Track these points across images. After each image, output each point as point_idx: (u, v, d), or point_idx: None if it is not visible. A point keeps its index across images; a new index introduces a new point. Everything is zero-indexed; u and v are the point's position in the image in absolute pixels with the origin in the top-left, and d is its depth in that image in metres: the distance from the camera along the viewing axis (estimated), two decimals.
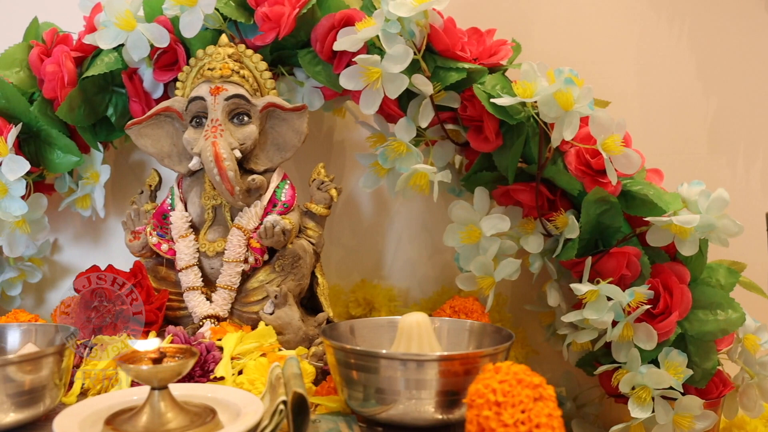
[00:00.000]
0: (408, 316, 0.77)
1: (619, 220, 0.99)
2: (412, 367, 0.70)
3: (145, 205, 1.01)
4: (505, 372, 0.66)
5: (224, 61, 0.95)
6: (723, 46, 1.10)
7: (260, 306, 0.92)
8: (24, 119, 1.05)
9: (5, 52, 1.07)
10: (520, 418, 0.62)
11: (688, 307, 0.96)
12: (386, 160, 1.02)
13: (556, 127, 0.95)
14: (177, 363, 0.68)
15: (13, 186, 1.02)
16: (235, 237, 0.92)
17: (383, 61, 0.95)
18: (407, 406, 0.71)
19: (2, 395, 0.71)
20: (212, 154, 0.89)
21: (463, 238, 1.03)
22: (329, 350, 0.75)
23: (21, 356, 0.71)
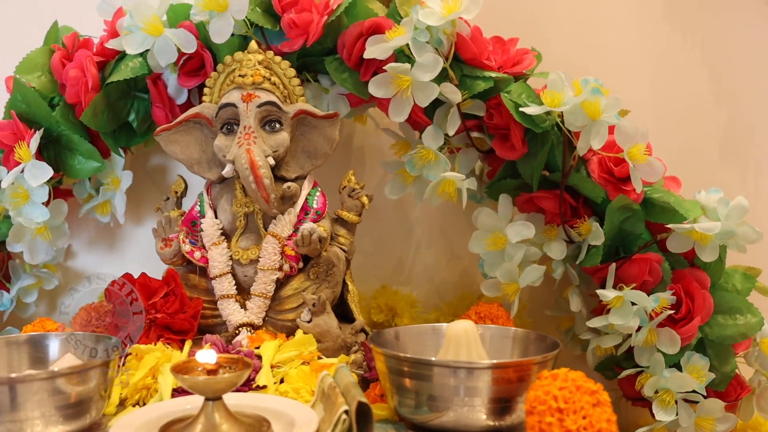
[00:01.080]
0: (456, 324, 0.78)
1: (640, 227, 1.02)
2: (467, 374, 0.71)
3: (170, 211, 1.00)
4: (563, 379, 0.67)
5: (255, 68, 0.95)
6: (734, 58, 1.14)
7: (295, 314, 0.92)
8: (44, 124, 1.04)
9: (27, 56, 1.05)
10: (582, 424, 0.64)
11: (710, 312, 0.99)
12: (414, 168, 1.03)
13: (583, 135, 0.97)
14: (233, 374, 0.68)
15: (36, 192, 1.01)
16: (270, 245, 0.92)
17: (413, 69, 0.96)
18: (459, 414, 0.72)
19: (50, 408, 0.70)
20: (247, 162, 0.89)
21: (489, 244, 1.04)
22: (380, 358, 0.76)
23: (70, 368, 0.70)
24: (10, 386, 0.68)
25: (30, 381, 0.69)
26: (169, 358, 0.85)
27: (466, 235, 1.18)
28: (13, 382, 0.68)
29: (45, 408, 0.69)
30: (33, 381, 0.69)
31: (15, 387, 0.68)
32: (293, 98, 0.99)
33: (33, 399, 0.69)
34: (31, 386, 0.69)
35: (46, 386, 0.69)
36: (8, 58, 1.15)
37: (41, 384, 0.69)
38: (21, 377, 0.69)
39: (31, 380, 0.69)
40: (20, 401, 0.68)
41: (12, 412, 0.68)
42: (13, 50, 1.15)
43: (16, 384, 0.68)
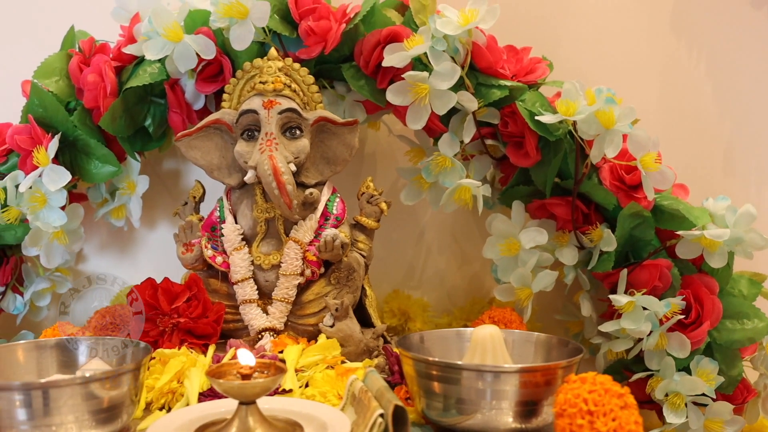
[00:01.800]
0: (481, 329, 0.80)
1: (650, 233, 1.04)
2: (496, 378, 0.72)
3: (189, 216, 1.01)
4: (591, 382, 0.69)
5: (276, 75, 0.96)
6: (738, 71, 1.16)
7: (316, 318, 0.93)
8: (61, 128, 1.04)
9: (45, 61, 1.05)
10: (612, 426, 0.66)
11: (719, 317, 1.01)
12: (430, 174, 1.04)
13: (596, 144, 0.99)
14: (267, 379, 0.69)
15: (54, 196, 1.01)
16: (292, 250, 0.93)
17: (431, 77, 0.98)
18: (487, 417, 0.74)
19: (84, 412, 0.70)
20: (270, 168, 0.90)
21: (503, 250, 1.06)
22: (408, 361, 0.77)
23: (104, 373, 0.71)
24: (46, 390, 0.69)
25: (65, 386, 0.69)
26: (194, 362, 0.85)
27: (477, 240, 1.21)
28: (48, 386, 0.69)
29: (79, 412, 0.70)
30: (68, 386, 0.69)
31: (51, 391, 0.69)
32: (312, 105, 1.00)
33: (68, 403, 0.69)
34: (66, 391, 0.69)
35: (81, 391, 0.70)
36: (21, 62, 1.16)
37: (76, 389, 0.69)
38: (56, 382, 0.70)
39: (66, 385, 0.69)
40: (55, 406, 0.69)
41: (47, 416, 0.69)
42: (27, 54, 1.16)
43: (51, 388, 0.69)
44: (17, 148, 1.03)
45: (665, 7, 1.16)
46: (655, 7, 1.16)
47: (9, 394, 0.68)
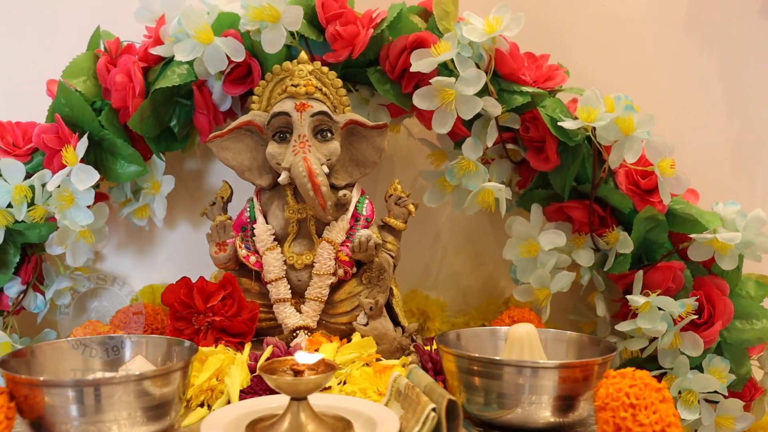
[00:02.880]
0: (518, 327, 0.83)
1: (664, 236, 1.08)
2: (537, 373, 0.75)
3: (218, 216, 1.02)
4: (631, 377, 0.72)
5: (307, 78, 0.98)
6: (747, 77, 1.21)
7: (348, 317, 0.95)
8: (87, 128, 1.05)
9: (73, 61, 1.06)
10: (653, 419, 0.69)
11: (730, 317, 1.05)
12: (454, 177, 1.07)
13: (615, 149, 1.03)
14: (319, 376, 0.71)
15: (82, 196, 1.02)
16: (325, 250, 0.95)
17: (457, 83, 1.00)
18: (527, 411, 0.76)
19: (137, 409, 0.71)
20: (305, 170, 0.92)
21: (522, 252, 1.09)
22: (449, 357, 0.80)
23: (156, 370, 0.72)
24: (99, 387, 0.70)
25: (119, 383, 0.70)
26: (233, 360, 0.87)
27: (491, 242, 1.24)
28: (103, 383, 0.70)
29: (131, 409, 0.71)
30: (122, 383, 0.70)
31: (105, 388, 0.70)
32: (341, 108, 1.02)
33: (121, 400, 0.70)
34: (119, 388, 0.70)
35: (134, 388, 0.71)
36: (43, 61, 1.16)
37: (129, 386, 0.70)
38: (111, 379, 0.71)
39: (120, 382, 0.70)
40: (109, 402, 0.70)
41: (100, 413, 0.70)
42: (49, 54, 1.17)
43: (106, 385, 0.70)
44: (44, 147, 1.04)
45: (676, 14, 1.20)
46: (666, 14, 1.20)
47: (64, 391, 0.69)
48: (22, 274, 1.10)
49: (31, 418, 0.71)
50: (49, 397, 0.70)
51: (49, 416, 0.70)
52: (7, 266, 1.08)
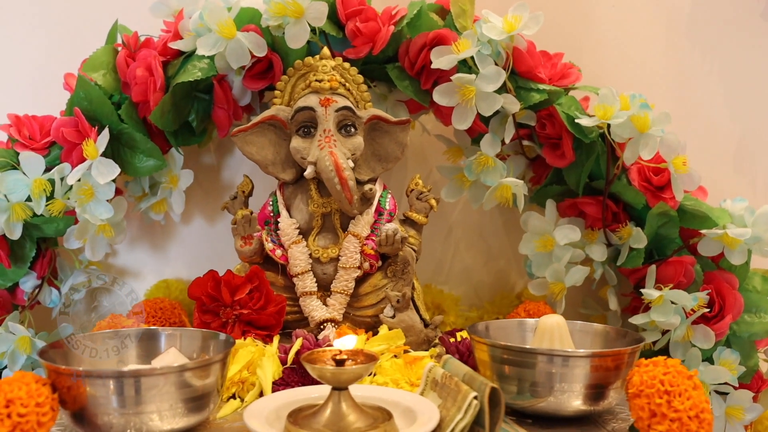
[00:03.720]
0: (548, 318, 0.84)
1: (675, 231, 1.10)
2: (570, 362, 0.77)
3: (239, 210, 1.02)
4: (664, 365, 0.74)
5: (331, 74, 0.99)
6: (749, 78, 1.24)
7: (374, 310, 0.96)
8: (105, 122, 1.05)
9: (93, 54, 1.06)
10: (687, 405, 0.71)
11: (740, 311, 1.08)
12: (472, 173, 1.08)
13: (630, 146, 1.05)
14: (360, 366, 0.71)
15: (102, 189, 1.02)
16: (351, 244, 0.96)
17: (477, 80, 1.02)
18: (559, 400, 0.78)
19: (177, 400, 0.71)
20: (332, 164, 0.93)
21: (538, 246, 1.11)
22: (481, 347, 0.81)
23: (198, 361, 0.72)
24: (140, 379, 0.70)
25: (162, 374, 0.70)
26: (263, 352, 0.87)
27: (503, 237, 1.26)
28: (146, 374, 0.70)
29: (173, 400, 0.71)
30: (165, 374, 0.70)
31: (148, 379, 0.70)
32: (362, 104, 1.03)
33: (164, 391, 0.70)
34: (161, 379, 0.70)
35: (176, 379, 0.71)
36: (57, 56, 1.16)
37: (171, 377, 0.71)
38: (154, 370, 0.71)
39: (163, 373, 0.70)
40: (152, 393, 0.70)
41: (143, 403, 0.70)
42: (62, 48, 1.16)
43: (149, 377, 0.70)
44: (62, 141, 1.03)
45: (681, 17, 1.23)
46: (671, 17, 1.23)
47: (108, 382, 0.69)
48: (38, 268, 1.10)
49: (72, 410, 0.71)
50: (92, 387, 0.70)
51: (92, 407, 0.70)
52: (23, 260, 1.07)
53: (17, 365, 1.04)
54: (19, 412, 0.65)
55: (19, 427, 0.65)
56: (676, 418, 0.70)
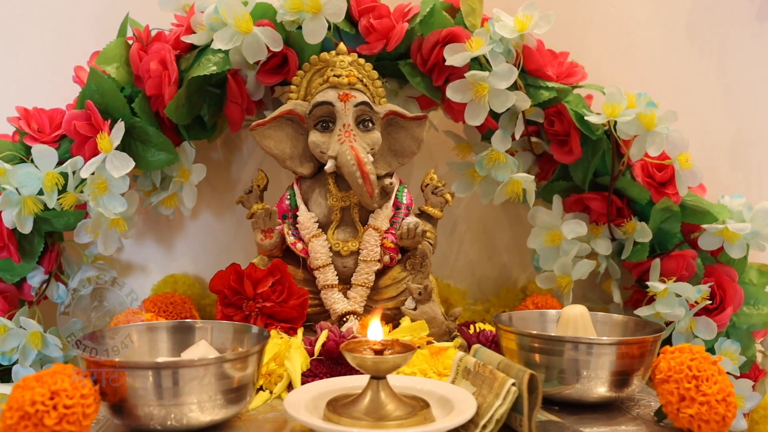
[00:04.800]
0: (572, 308, 0.86)
1: (677, 226, 1.14)
2: (597, 350, 0.79)
3: (255, 205, 1.03)
4: (690, 351, 0.77)
5: (349, 69, 1.00)
6: (745, 77, 1.28)
7: (394, 302, 0.97)
8: (117, 115, 1.04)
9: (106, 47, 1.05)
10: (715, 389, 0.74)
11: (740, 303, 1.12)
12: (483, 168, 1.10)
13: (636, 143, 1.08)
14: (399, 355, 0.72)
15: (116, 183, 1.01)
16: (371, 237, 0.97)
17: (490, 77, 1.04)
18: (586, 387, 0.80)
19: (216, 392, 0.71)
20: (354, 158, 0.93)
21: (546, 240, 1.13)
22: (509, 336, 0.83)
23: (237, 353, 0.72)
24: (184, 370, 0.70)
25: (202, 365, 0.70)
26: (289, 345, 0.88)
27: (506, 232, 1.28)
28: (187, 365, 0.70)
29: (212, 392, 0.71)
30: (205, 365, 0.70)
31: (189, 370, 0.70)
32: (377, 99, 1.04)
33: (203, 382, 0.70)
34: (202, 370, 0.70)
35: (215, 370, 0.71)
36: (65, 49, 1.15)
37: (212, 368, 0.71)
38: (194, 361, 0.71)
39: (203, 364, 0.70)
40: (193, 385, 0.70)
41: (183, 395, 0.70)
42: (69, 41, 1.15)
43: (189, 368, 0.70)
44: (74, 134, 1.02)
45: (679, 17, 1.27)
46: (669, 17, 1.27)
47: (149, 373, 0.69)
48: (45, 263, 1.08)
49: (112, 401, 0.71)
50: (133, 379, 0.69)
51: (132, 399, 0.70)
52: (32, 255, 1.06)
53: (28, 361, 1.02)
54: (65, 403, 0.65)
55: (65, 419, 0.64)
56: (704, 402, 0.73)
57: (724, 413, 0.73)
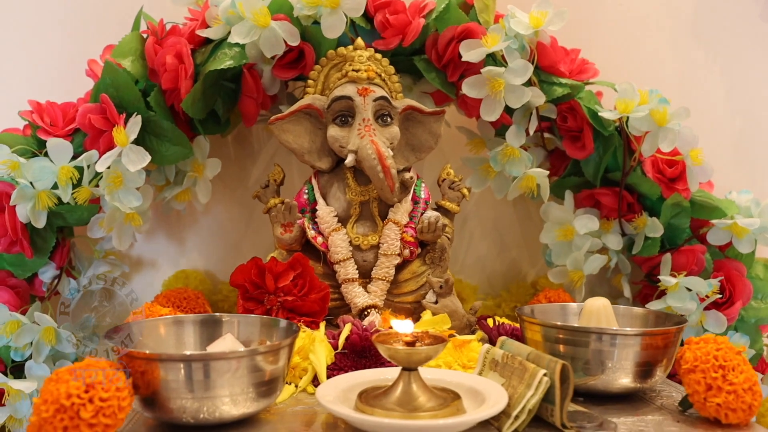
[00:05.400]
0: (594, 300, 0.87)
1: (686, 222, 1.15)
2: (622, 341, 0.80)
3: (271, 199, 1.02)
4: (715, 342, 0.78)
5: (367, 64, 1.00)
6: (749, 75, 1.30)
7: (413, 296, 0.97)
8: (131, 109, 1.03)
9: (122, 41, 1.04)
10: (741, 378, 0.75)
11: (749, 297, 1.13)
12: (498, 163, 1.11)
13: (648, 139, 1.09)
14: (431, 347, 0.73)
15: (132, 177, 1.00)
16: (392, 231, 0.97)
17: (506, 73, 1.05)
18: (611, 377, 0.81)
19: (248, 384, 0.71)
20: (375, 152, 0.93)
21: (559, 235, 1.14)
22: (534, 328, 0.84)
23: (269, 346, 0.72)
24: (218, 362, 0.69)
25: (235, 357, 0.70)
26: (313, 339, 0.87)
27: (516, 228, 1.29)
28: (220, 358, 0.69)
29: (245, 385, 0.71)
30: (238, 358, 0.70)
31: (222, 363, 0.69)
32: (394, 94, 1.04)
33: (237, 375, 0.70)
34: (235, 363, 0.70)
35: (248, 363, 0.70)
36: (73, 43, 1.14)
37: (245, 360, 0.70)
38: (227, 354, 0.70)
39: (235, 357, 0.70)
40: (226, 377, 0.69)
41: (216, 387, 0.69)
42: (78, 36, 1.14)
43: (223, 360, 0.69)
44: (89, 128, 1.01)
45: (686, 17, 1.29)
46: (677, 17, 1.28)
47: (184, 365, 0.69)
48: (56, 258, 1.07)
49: (145, 394, 0.70)
50: (166, 371, 0.69)
51: (165, 391, 0.69)
52: (44, 250, 1.04)
53: (42, 356, 1.01)
54: (101, 396, 0.64)
55: (101, 412, 0.64)
56: (731, 391, 0.74)
57: (750, 402, 0.74)
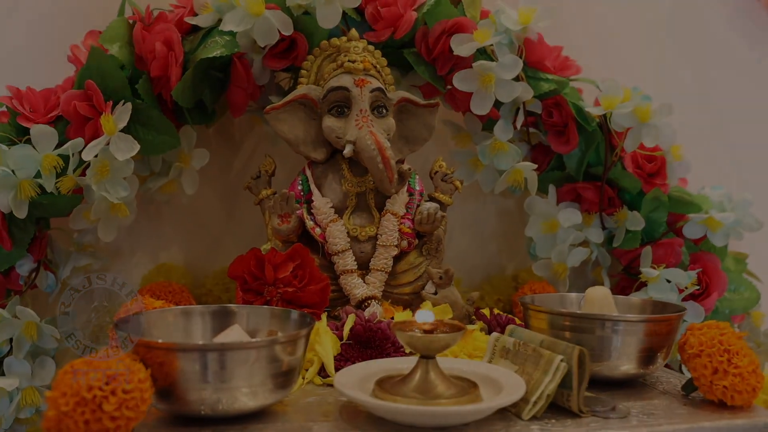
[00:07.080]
0: (595, 290, 0.89)
1: (664, 216, 1.18)
2: (627, 327, 0.81)
3: (262, 191, 1.01)
4: (717, 327, 0.80)
5: (363, 55, 0.99)
6: (718, 74, 1.36)
7: (411, 287, 0.97)
8: (116, 96, 1.00)
9: (109, 26, 1.01)
10: (746, 361, 0.77)
11: (725, 288, 1.17)
12: (486, 157, 1.12)
13: (631, 135, 1.12)
14: (449, 335, 0.73)
15: (120, 167, 0.97)
16: (389, 222, 0.96)
17: (496, 67, 1.06)
18: (616, 363, 0.83)
19: (266, 375, 0.69)
20: (374, 143, 0.93)
21: (544, 229, 1.16)
22: (539, 316, 0.85)
23: (287, 336, 0.71)
24: (237, 352, 0.67)
25: (254, 347, 0.68)
26: (317, 329, 0.86)
27: (495, 223, 1.30)
28: (238, 347, 0.68)
29: (263, 375, 0.69)
30: (257, 348, 0.68)
31: (242, 353, 0.67)
32: (387, 86, 1.03)
33: (255, 365, 0.68)
34: (254, 353, 0.68)
35: (266, 353, 0.69)
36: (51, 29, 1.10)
37: (264, 350, 0.69)
38: (247, 344, 0.69)
39: (255, 347, 0.68)
40: (245, 368, 0.68)
41: (235, 378, 0.67)
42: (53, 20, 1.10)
43: (243, 350, 0.68)
44: (73, 115, 0.97)
45: (659, 17, 1.33)
46: (650, 18, 1.33)
47: (202, 356, 0.67)
48: (34, 251, 1.02)
49: (162, 385, 0.68)
50: (184, 362, 0.67)
51: (183, 382, 0.67)
52: (22, 242, 1.00)
53: (23, 352, 0.96)
54: (124, 388, 0.62)
55: (124, 405, 0.61)
56: (737, 374, 0.76)
57: (754, 384, 0.77)
